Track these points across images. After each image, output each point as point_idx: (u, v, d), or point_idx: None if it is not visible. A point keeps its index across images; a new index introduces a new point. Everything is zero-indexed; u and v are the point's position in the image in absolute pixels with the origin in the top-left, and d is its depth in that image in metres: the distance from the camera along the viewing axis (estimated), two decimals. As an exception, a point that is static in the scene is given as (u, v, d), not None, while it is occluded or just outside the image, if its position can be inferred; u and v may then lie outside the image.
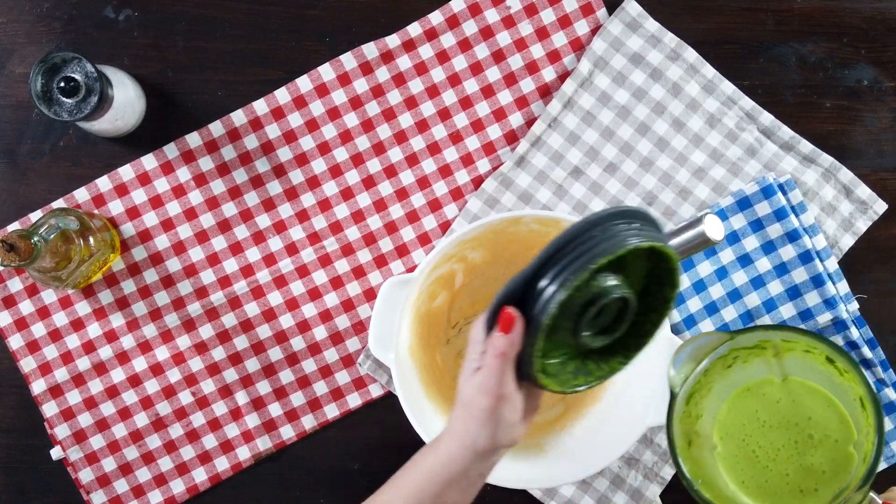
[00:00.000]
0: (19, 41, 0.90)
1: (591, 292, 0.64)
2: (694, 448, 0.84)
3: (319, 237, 0.91)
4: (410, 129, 0.91)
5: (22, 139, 0.90)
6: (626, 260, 0.65)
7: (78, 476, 0.91)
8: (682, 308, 0.91)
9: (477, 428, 0.65)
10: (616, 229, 0.64)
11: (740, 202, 0.90)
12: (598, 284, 0.64)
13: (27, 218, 0.90)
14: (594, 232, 0.63)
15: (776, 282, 0.90)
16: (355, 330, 0.91)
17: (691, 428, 0.84)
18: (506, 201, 0.91)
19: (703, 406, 0.85)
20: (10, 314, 0.90)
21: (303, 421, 0.92)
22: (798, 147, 0.91)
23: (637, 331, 0.68)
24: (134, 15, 0.90)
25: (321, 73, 0.90)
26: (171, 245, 0.91)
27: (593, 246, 0.63)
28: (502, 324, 0.64)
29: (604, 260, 0.62)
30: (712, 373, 0.84)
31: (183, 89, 0.91)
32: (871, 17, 0.92)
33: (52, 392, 0.90)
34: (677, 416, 0.82)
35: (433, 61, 0.91)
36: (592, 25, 0.91)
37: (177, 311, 0.91)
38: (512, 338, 0.64)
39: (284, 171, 0.91)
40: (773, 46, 0.92)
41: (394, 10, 0.91)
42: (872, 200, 0.92)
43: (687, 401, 0.83)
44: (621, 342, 0.68)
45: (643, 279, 0.67)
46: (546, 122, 0.90)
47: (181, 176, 0.90)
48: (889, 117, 0.92)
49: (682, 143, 0.91)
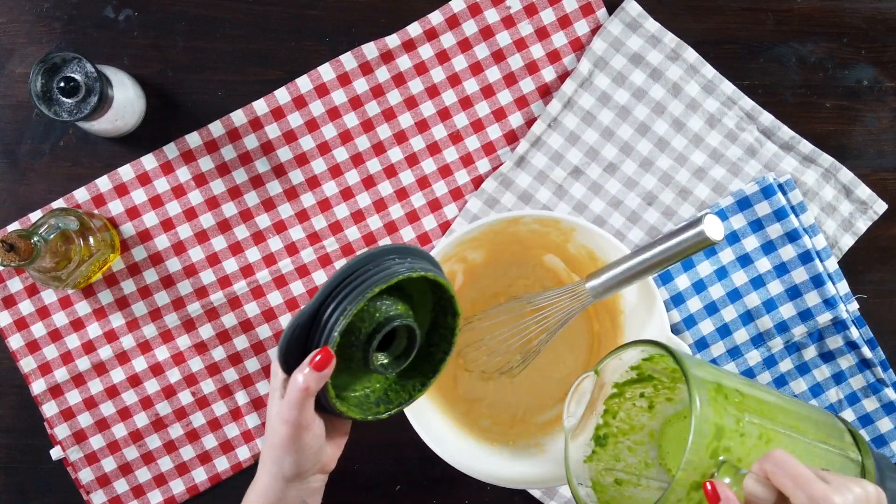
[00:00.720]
0: (19, 41, 0.90)
1: (375, 322, 0.70)
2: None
3: (319, 237, 0.91)
4: (410, 129, 0.91)
5: (22, 139, 0.90)
6: (411, 294, 0.72)
7: (78, 476, 0.91)
8: (682, 308, 0.91)
9: (281, 455, 0.69)
10: (390, 263, 0.70)
11: (740, 202, 0.90)
12: (381, 314, 0.70)
13: (27, 218, 0.90)
14: (369, 266, 0.69)
15: (776, 282, 0.90)
16: (355, 330, 0.91)
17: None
18: (506, 201, 0.91)
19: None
20: (10, 314, 0.90)
21: (303, 421, 0.92)
22: (798, 147, 0.91)
23: (432, 358, 0.74)
24: (134, 15, 0.90)
25: (321, 73, 0.90)
26: (171, 245, 0.91)
27: (368, 278, 0.69)
28: (319, 361, 0.67)
29: (377, 288, 0.67)
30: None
31: (183, 89, 0.91)
32: (871, 17, 0.92)
33: (52, 392, 0.90)
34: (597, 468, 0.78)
35: (433, 61, 0.91)
36: (592, 25, 0.91)
37: (177, 311, 0.91)
38: (319, 374, 0.67)
39: (284, 171, 0.91)
40: (773, 46, 0.92)
41: (394, 10, 0.91)
42: (872, 200, 0.92)
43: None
44: (418, 370, 0.74)
45: (431, 312, 0.73)
46: (546, 122, 0.90)
47: (181, 176, 0.90)
48: (889, 117, 0.92)
49: (682, 143, 0.91)
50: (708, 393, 0.65)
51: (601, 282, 0.78)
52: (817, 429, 0.70)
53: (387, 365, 0.72)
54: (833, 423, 0.73)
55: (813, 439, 0.69)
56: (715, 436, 0.63)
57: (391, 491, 0.92)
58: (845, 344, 0.91)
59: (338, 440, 0.73)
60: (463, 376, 0.90)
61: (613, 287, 0.78)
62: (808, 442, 0.68)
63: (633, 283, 0.77)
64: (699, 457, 0.62)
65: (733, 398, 0.66)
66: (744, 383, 0.70)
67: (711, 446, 0.63)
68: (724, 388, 0.66)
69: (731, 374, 0.70)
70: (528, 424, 0.90)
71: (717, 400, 0.65)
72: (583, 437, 0.78)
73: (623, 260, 0.77)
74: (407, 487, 0.92)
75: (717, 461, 0.63)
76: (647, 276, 0.76)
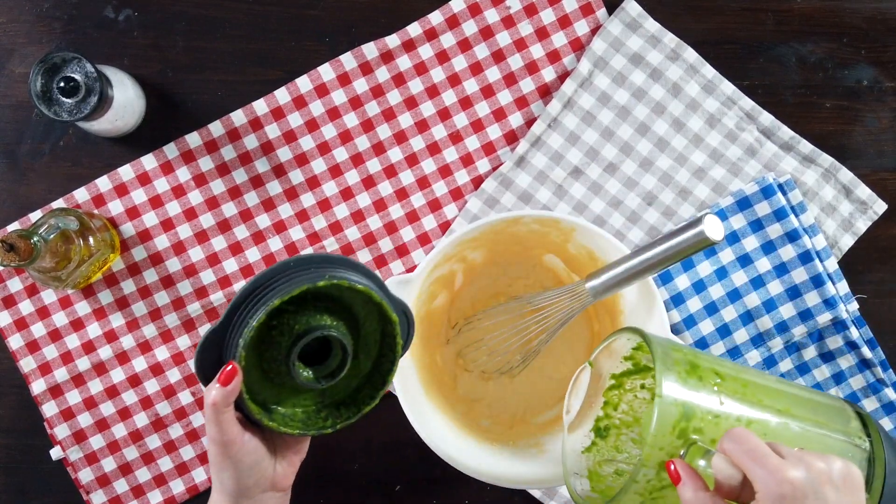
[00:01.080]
0: (19, 41, 0.90)
1: (294, 334, 0.70)
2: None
3: (319, 237, 0.91)
4: (410, 129, 0.91)
5: (22, 139, 0.90)
6: (351, 307, 0.72)
7: (78, 476, 0.91)
8: (682, 308, 0.91)
9: (217, 471, 0.70)
10: (301, 274, 0.70)
11: (740, 202, 0.90)
12: (301, 326, 0.70)
13: (27, 218, 0.90)
14: (280, 278, 0.70)
15: (776, 282, 0.90)
16: (355, 330, 0.91)
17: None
18: (506, 201, 0.91)
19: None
20: (10, 314, 0.90)
21: (303, 421, 0.92)
22: (798, 147, 0.91)
23: (380, 369, 0.74)
24: (134, 15, 0.90)
25: (321, 73, 0.90)
26: (171, 245, 0.91)
27: (274, 291, 0.69)
28: (224, 377, 0.68)
29: (278, 300, 0.68)
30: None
31: (183, 89, 0.91)
32: (871, 17, 0.92)
33: (51, 392, 0.90)
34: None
35: (433, 61, 0.91)
36: (592, 25, 0.91)
37: (177, 311, 0.91)
38: (225, 390, 0.67)
39: (284, 171, 0.91)
40: (773, 46, 0.92)
41: (394, 10, 0.91)
42: (872, 200, 0.92)
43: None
44: (371, 382, 0.74)
45: (379, 323, 0.73)
46: (546, 122, 0.90)
47: (181, 176, 0.90)
48: (889, 117, 0.92)
49: (682, 143, 0.91)
50: (679, 374, 0.65)
51: (601, 282, 0.78)
52: (816, 413, 0.70)
53: (315, 378, 0.72)
54: (840, 408, 0.73)
55: (808, 424, 0.68)
56: (683, 416, 0.63)
57: (391, 491, 0.92)
58: (845, 344, 0.91)
59: (290, 457, 0.73)
60: (463, 376, 0.90)
61: (613, 287, 0.78)
62: (801, 426, 0.68)
63: (633, 283, 0.77)
64: (665, 436, 0.63)
65: (709, 380, 0.66)
66: (729, 367, 0.69)
67: (679, 426, 0.63)
68: (700, 369, 0.67)
69: (715, 358, 0.70)
70: (528, 424, 0.90)
71: (689, 381, 0.65)
72: (582, 428, 0.78)
73: (623, 260, 0.77)
74: (407, 487, 0.92)
75: (688, 441, 0.63)
76: (647, 276, 0.76)
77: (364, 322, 0.74)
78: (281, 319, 0.71)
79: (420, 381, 0.86)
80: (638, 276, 0.76)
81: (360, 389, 0.75)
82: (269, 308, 0.68)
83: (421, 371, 0.87)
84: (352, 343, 0.73)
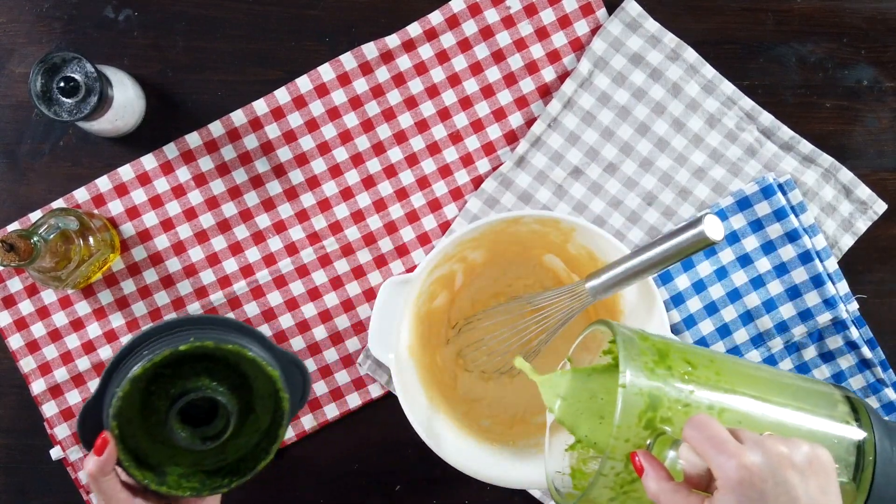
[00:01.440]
0: (19, 41, 0.90)
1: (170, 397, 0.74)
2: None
3: (319, 237, 0.91)
4: (410, 129, 0.91)
5: (22, 139, 0.90)
6: (239, 365, 0.76)
7: (78, 476, 0.91)
8: (681, 308, 0.91)
9: None
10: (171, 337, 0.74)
11: (740, 202, 0.90)
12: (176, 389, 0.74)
13: (27, 218, 0.90)
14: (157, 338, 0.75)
15: (776, 282, 0.90)
16: (355, 330, 0.91)
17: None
18: (506, 201, 0.91)
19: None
20: (10, 314, 0.90)
21: (302, 421, 0.92)
22: (798, 147, 0.91)
23: (275, 423, 0.77)
24: (134, 15, 0.90)
25: (321, 73, 0.90)
26: (171, 245, 0.91)
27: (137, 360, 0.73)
28: (97, 447, 0.71)
29: (140, 369, 0.71)
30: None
31: (183, 89, 0.91)
32: (871, 17, 0.92)
33: (51, 392, 0.90)
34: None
35: (433, 61, 0.91)
36: (592, 25, 0.91)
37: (177, 312, 0.91)
38: (100, 459, 0.70)
39: (284, 171, 0.91)
40: (773, 46, 0.92)
41: (394, 10, 0.91)
42: (872, 200, 0.92)
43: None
44: (267, 436, 0.78)
45: (267, 380, 0.76)
46: (546, 122, 0.90)
47: (181, 176, 0.90)
48: (889, 117, 0.92)
49: (682, 143, 0.91)
50: (645, 364, 0.64)
51: (601, 282, 0.78)
52: (797, 399, 0.68)
53: (201, 438, 0.75)
54: (827, 394, 0.71)
55: (789, 410, 0.67)
56: (649, 406, 0.62)
57: (391, 491, 0.92)
58: (845, 344, 0.91)
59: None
60: (463, 376, 0.90)
61: (613, 287, 0.78)
62: (780, 413, 0.66)
63: (633, 283, 0.77)
64: (631, 427, 0.62)
65: (679, 369, 0.65)
66: (703, 354, 0.68)
67: (645, 417, 0.62)
68: (670, 358, 0.66)
69: (691, 346, 0.69)
70: (528, 424, 0.90)
71: (657, 371, 0.64)
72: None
73: (623, 260, 0.77)
74: (407, 487, 0.92)
75: (656, 431, 0.62)
76: (647, 276, 0.76)
77: (255, 379, 0.77)
78: (158, 384, 0.74)
79: (420, 381, 0.86)
80: (638, 276, 0.76)
81: (260, 444, 0.78)
82: (132, 377, 0.71)
83: (421, 371, 0.87)
84: (236, 402, 0.76)
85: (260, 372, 0.76)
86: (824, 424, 0.68)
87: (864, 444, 0.68)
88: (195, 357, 0.75)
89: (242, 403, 0.78)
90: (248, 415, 0.78)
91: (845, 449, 0.67)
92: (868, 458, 0.67)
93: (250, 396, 0.78)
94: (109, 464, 0.71)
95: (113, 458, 0.71)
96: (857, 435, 0.68)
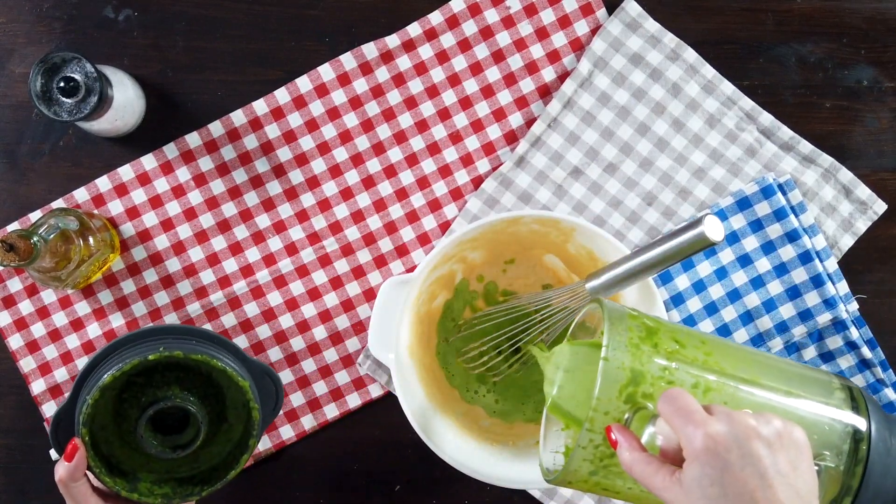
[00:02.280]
0: (19, 41, 0.90)
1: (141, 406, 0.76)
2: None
3: (319, 237, 0.91)
4: (410, 129, 0.91)
5: (22, 139, 0.90)
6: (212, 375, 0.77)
7: (78, 476, 0.91)
8: (682, 308, 0.91)
9: None
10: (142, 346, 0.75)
11: (740, 202, 0.90)
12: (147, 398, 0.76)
13: (27, 218, 0.90)
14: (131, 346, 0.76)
15: (776, 282, 0.90)
16: (355, 330, 0.91)
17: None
18: (505, 201, 0.91)
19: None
20: (10, 314, 0.90)
21: (302, 421, 0.92)
22: (798, 147, 0.91)
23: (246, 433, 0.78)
24: (134, 15, 0.90)
25: (321, 73, 0.90)
26: (171, 245, 0.91)
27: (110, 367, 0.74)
28: (66, 452, 0.72)
29: (109, 377, 0.73)
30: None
31: (183, 89, 0.91)
32: (871, 17, 0.92)
33: (51, 392, 0.90)
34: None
35: (433, 61, 0.91)
36: (592, 25, 0.91)
37: (177, 311, 0.91)
38: (70, 465, 0.72)
39: (284, 171, 0.91)
40: (773, 46, 0.92)
41: (394, 10, 0.91)
42: (872, 200, 0.92)
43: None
44: (239, 445, 0.79)
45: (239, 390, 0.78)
46: (546, 122, 0.90)
47: (181, 176, 0.90)
48: (889, 117, 0.92)
49: (682, 143, 0.91)
50: (631, 339, 0.64)
51: (601, 282, 0.78)
52: (790, 384, 0.68)
53: (172, 447, 0.76)
54: (824, 381, 0.70)
55: (778, 394, 0.66)
56: (631, 381, 0.62)
57: (391, 491, 0.92)
58: (845, 344, 0.91)
59: None
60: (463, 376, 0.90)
61: (613, 287, 0.78)
62: (767, 395, 0.66)
63: (634, 283, 0.77)
64: (611, 401, 0.62)
65: (665, 346, 0.65)
66: (693, 335, 0.68)
67: (626, 391, 0.62)
68: (657, 337, 0.65)
69: (682, 327, 0.68)
70: (528, 424, 0.90)
71: (643, 347, 0.64)
72: None
73: (623, 260, 0.77)
74: (407, 487, 0.92)
75: (636, 405, 0.62)
76: (647, 276, 0.76)
77: (228, 389, 0.78)
78: (131, 391, 0.76)
79: (420, 381, 0.86)
80: (638, 276, 0.76)
81: (232, 453, 0.79)
82: (102, 385, 0.72)
83: (421, 371, 0.87)
84: (206, 412, 0.77)
85: (231, 382, 0.77)
86: (816, 409, 0.67)
87: (859, 432, 0.67)
88: (166, 366, 0.77)
89: (215, 413, 0.79)
90: (220, 424, 0.80)
91: (838, 435, 0.66)
92: (862, 446, 0.66)
93: (223, 406, 0.79)
94: (80, 470, 0.72)
95: (83, 465, 0.72)
96: (851, 421, 0.67)
